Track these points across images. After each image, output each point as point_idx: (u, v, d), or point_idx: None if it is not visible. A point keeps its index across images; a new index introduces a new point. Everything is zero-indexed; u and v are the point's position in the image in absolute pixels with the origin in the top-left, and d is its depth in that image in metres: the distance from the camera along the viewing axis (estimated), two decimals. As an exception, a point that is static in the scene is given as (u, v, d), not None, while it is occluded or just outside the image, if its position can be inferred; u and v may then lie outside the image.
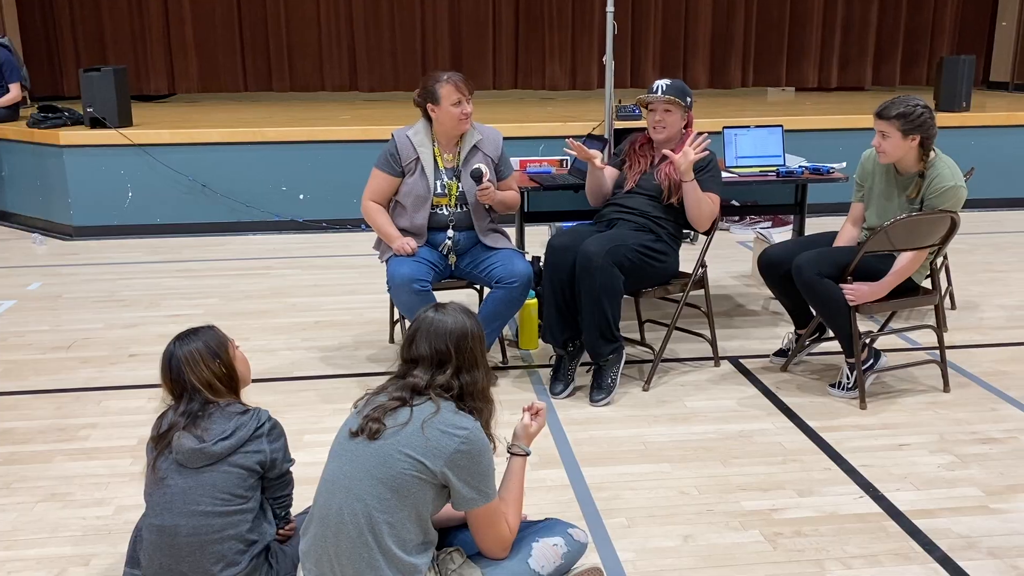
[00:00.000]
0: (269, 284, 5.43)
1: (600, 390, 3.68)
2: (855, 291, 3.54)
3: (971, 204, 7.20)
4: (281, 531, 2.41)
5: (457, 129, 3.74)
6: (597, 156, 3.86)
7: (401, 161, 3.79)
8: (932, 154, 3.64)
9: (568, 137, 4.08)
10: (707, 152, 3.80)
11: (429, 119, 3.78)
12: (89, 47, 9.14)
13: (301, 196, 6.80)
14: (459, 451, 2.07)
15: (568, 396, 3.75)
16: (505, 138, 6.72)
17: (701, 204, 3.77)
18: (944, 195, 3.57)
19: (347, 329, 4.59)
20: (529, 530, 2.33)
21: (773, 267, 3.83)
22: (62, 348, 4.38)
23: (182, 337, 2.37)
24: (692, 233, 4.42)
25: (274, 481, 2.38)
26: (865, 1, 9.89)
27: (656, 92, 3.84)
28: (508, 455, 2.37)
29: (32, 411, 3.65)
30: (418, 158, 3.77)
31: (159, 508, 2.25)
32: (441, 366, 2.16)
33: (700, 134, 3.78)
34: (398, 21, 9.46)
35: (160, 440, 2.32)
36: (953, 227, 3.60)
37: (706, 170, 3.85)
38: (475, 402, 2.15)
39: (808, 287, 3.59)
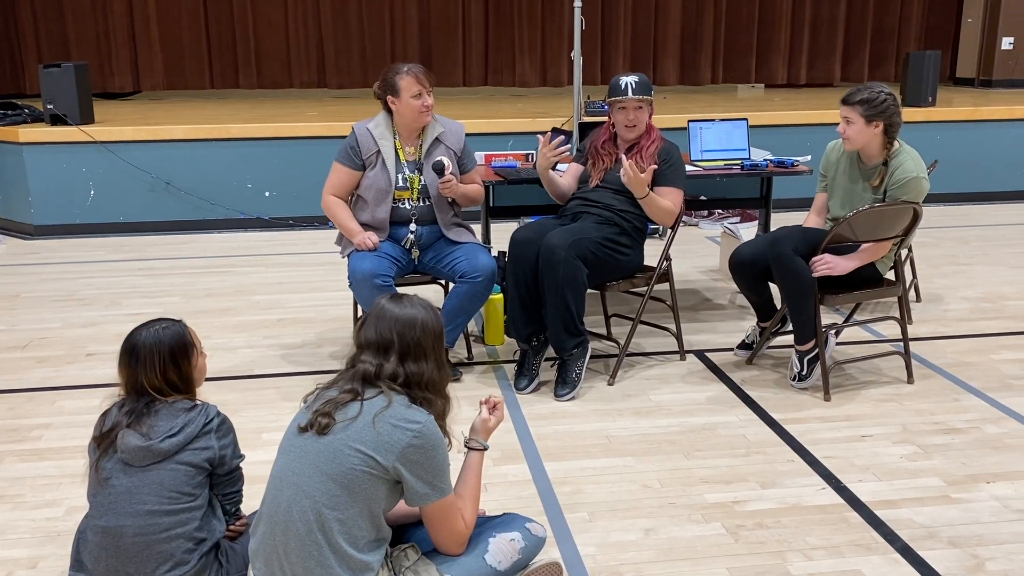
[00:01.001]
0: (232, 282, 5.35)
1: (564, 385, 3.65)
2: (824, 259, 3.52)
3: (937, 198, 7.31)
4: (231, 527, 2.36)
5: (418, 122, 3.70)
6: (556, 156, 3.79)
7: (362, 154, 3.74)
8: (896, 144, 3.64)
9: (538, 133, 4.03)
10: (664, 143, 3.80)
11: (390, 111, 3.73)
12: (52, 45, 9.01)
13: (267, 193, 6.72)
14: (411, 445, 2.03)
15: (533, 391, 3.72)
16: (475, 134, 6.80)
17: (660, 210, 3.76)
18: (907, 186, 3.57)
19: (310, 326, 4.53)
20: (486, 525, 2.29)
21: (745, 266, 3.80)
22: (18, 348, 4.28)
23: (151, 329, 2.28)
24: (660, 228, 4.42)
25: (223, 477, 2.32)
26: (833, -2, 9.97)
27: (626, 92, 3.77)
28: (466, 449, 2.33)
29: (-17, 412, 3.57)
30: (379, 151, 3.72)
31: (103, 509, 2.18)
32: (385, 352, 2.11)
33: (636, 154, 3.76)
34: (367, 19, 9.39)
35: (103, 439, 2.26)
36: (915, 219, 3.60)
37: (667, 164, 3.82)
38: (424, 393, 2.10)
39: (781, 261, 3.55)
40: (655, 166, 3.73)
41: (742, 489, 2.92)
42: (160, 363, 2.26)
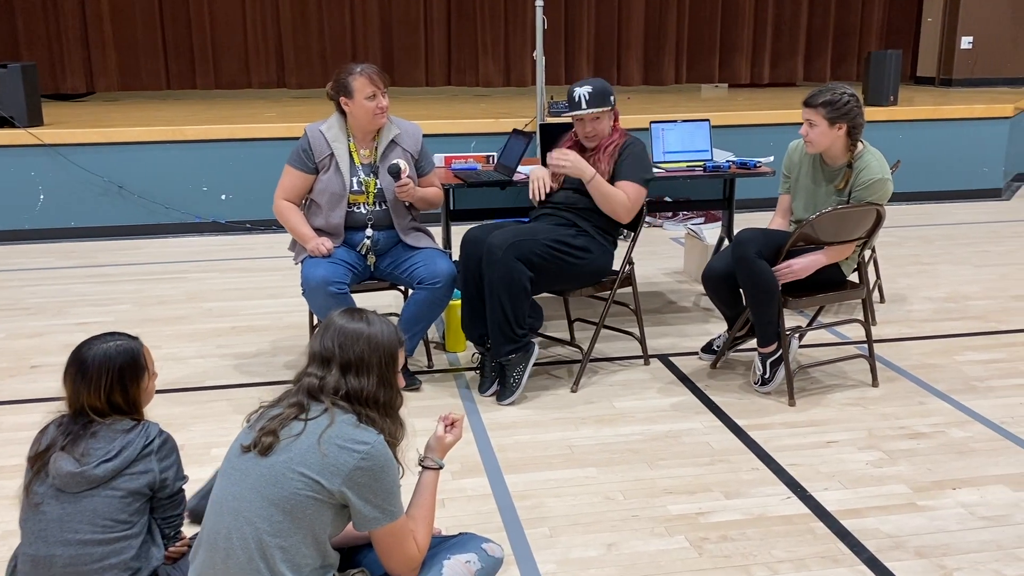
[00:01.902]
0: (185, 288, 5.20)
1: (504, 390, 3.56)
2: (787, 266, 3.47)
3: (899, 197, 7.32)
4: (171, 549, 2.23)
5: (372, 124, 3.59)
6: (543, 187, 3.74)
7: (314, 157, 3.62)
8: (860, 146, 3.59)
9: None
10: (628, 138, 3.72)
11: (344, 113, 3.62)
12: (1, 45, 8.74)
13: (223, 196, 6.56)
14: (359, 468, 1.93)
15: (495, 394, 3.62)
16: (437, 135, 6.71)
17: (607, 199, 3.63)
18: (871, 187, 3.53)
19: (265, 335, 4.40)
20: (440, 547, 2.20)
21: (719, 281, 3.72)
22: (-43, 360, 4.11)
23: (103, 345, 2.15)
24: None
25: (164, 501, 2.20)
26: (795, -2, 9.99)
27: (580, 105, 3.63)
28: (420, 468, 2.23)
29: (-83, 429, 3.40)
30: (332, 154, 3.61)
31: (33, 537, 2.06)
32: (327, 364, 2.02)
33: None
34: (327, 17, 9.24)
35: (36, 460, 2.13)
36: (879, 220, 3.56)
37: (624, 158, 3.71)
38: (368, 411, 2.00)
39: (744, 264, 3.49)
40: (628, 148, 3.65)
41: (706, 500, 2.85)
42: (107, 384, 2.13)
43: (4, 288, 5.25)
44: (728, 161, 4.48)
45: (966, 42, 9.63)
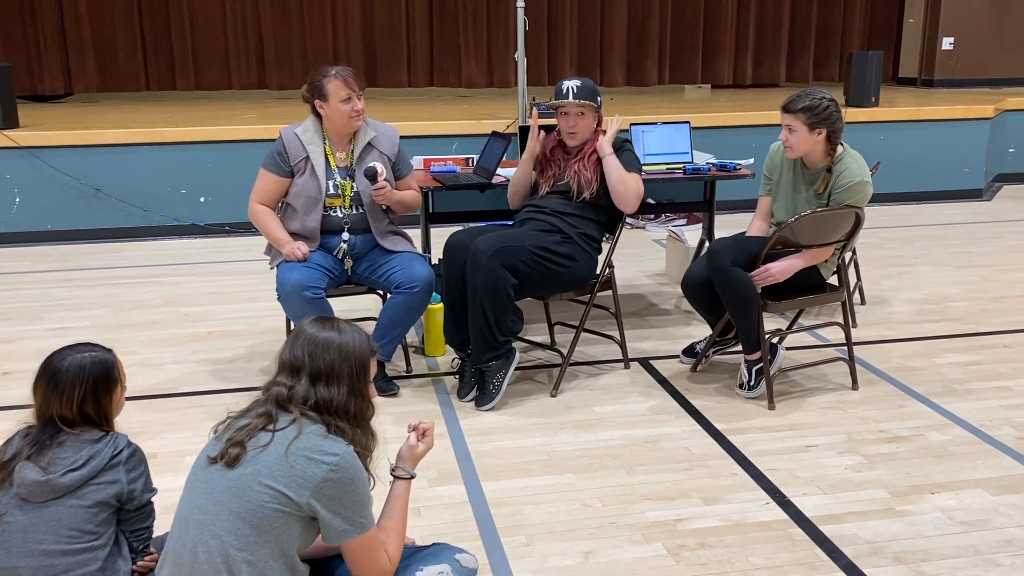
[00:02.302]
0: (163, 293, 5.14)
1: (483, 396, 3.53)
2: (765, 270, 3.45)
3: (881, 198, 7.34)
4: (139, 564, 2.19)
5: (348, 127, 3.55)
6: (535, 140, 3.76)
7: (289, 160, 3.58)
8: (840, 148, 3.58)
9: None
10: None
11: (319, 116, 3.58)
12: (-24, 45, 8.65)
13: (202, 199, 6.50)
14: (327, 479, 1.89)
15: (474, 400, 3.59)
16: (419, 137, 6.66)
17: (626, 180, 3.63)
18: (851, 190, 3.51)
19: (242, 339, 4.35)
20: (413, 558, 2.16)
21: (697, 288, 3.70)
22: (-72, 367, 4.04)
23: (76, 356, 2.12)
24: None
25: (132, 513, 2.16)
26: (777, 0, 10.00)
27: (567, 96, 3.66)
28: (392, 478, 2.20)
29: None
30: (308, 157, 3.57)
31: (-4, 549, 2.01)
32: (297, 373, 1.99)
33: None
34: (308, 18, 9.19)
35: (0, 470, 2.09)
36: (858, 223, 3.54)
37: (621, 150, 3.71)
38: (337, 421, 1.97)
39: (720, 274, 3.48)
40: (617, 127, 3.70)
41: (684, 506, 2.83)
42: (79, 395, 2.11)
43: (-22, 293, 5.18)
44: (708, 163, 4.46)
45: (947, 43, 9.66)
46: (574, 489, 2.94)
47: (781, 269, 3.46)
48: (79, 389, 2.11)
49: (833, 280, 3.79)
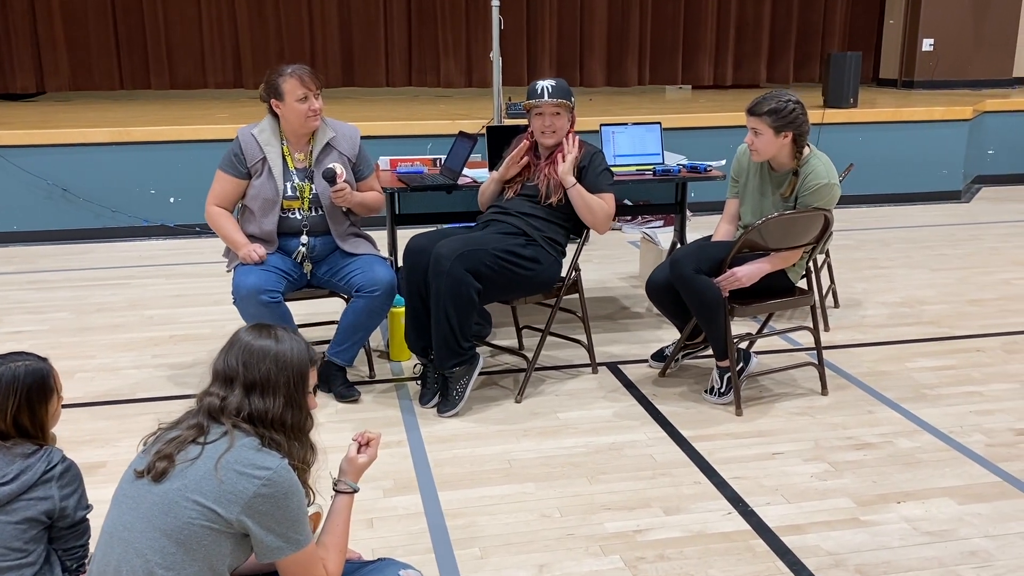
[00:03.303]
0: (127, 295, 5.05)
1: (445, 403, 3.46)
2: (731, 275, 3.39)
3: (858, 200, 7.31)
4: (72, 585, 2.11)
5: (305, 127, 3.47)
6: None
7: (246, 162, 3.50)
8: (806, 150, 3.52)
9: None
10: (581, 149, 3.64)
11: (276, 116, 3.50)
12: (-53, 42, 8.52)
13: (172, 199, 6.40)
14: (259, 495, 1.81)
15: (437, 406, 3.52)
16: (394, 136, 6.58)
17: (592, 208, 3.58)
18: (818, 192, 3.46)
19: (204, 344, 4.26)
20: (355, 575, 2.08)
21: (660, 292, 3.64)
22: None
23: (8, 365, 2.04)
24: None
25: (65, 531, 2.06)
26: (758, 0, 9.95)
27: (542, 96, 3.59)
28: (333, 492, 2.12)
29: None
30: (265, 158, 3.49)
31: (-86, 568, 1.93)
32: (230, 383, 1.90)
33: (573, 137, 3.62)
34: (284, 16, 9.09)
35: (-76, 485, 2.00)
36: (827, 226, 3.49)
37: (591, 168, 3.64)
38: (272, 433, 1.89)
39: (684, 282, 3.43)
40: (576, 154, 3.58)
41: (645, 516, 2.76)
42: (13, 406, 2.02)
43: (-63, 295, 5.08)
44: (679, 165, 4.40)
45: (927, 44, 9.65)
46: (533, 499, 2.87)
47: (748, 273, 3.40)
48: (12, 400, 2.03)
49: (803, 284, 3.74)
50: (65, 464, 2.08)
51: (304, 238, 3.55)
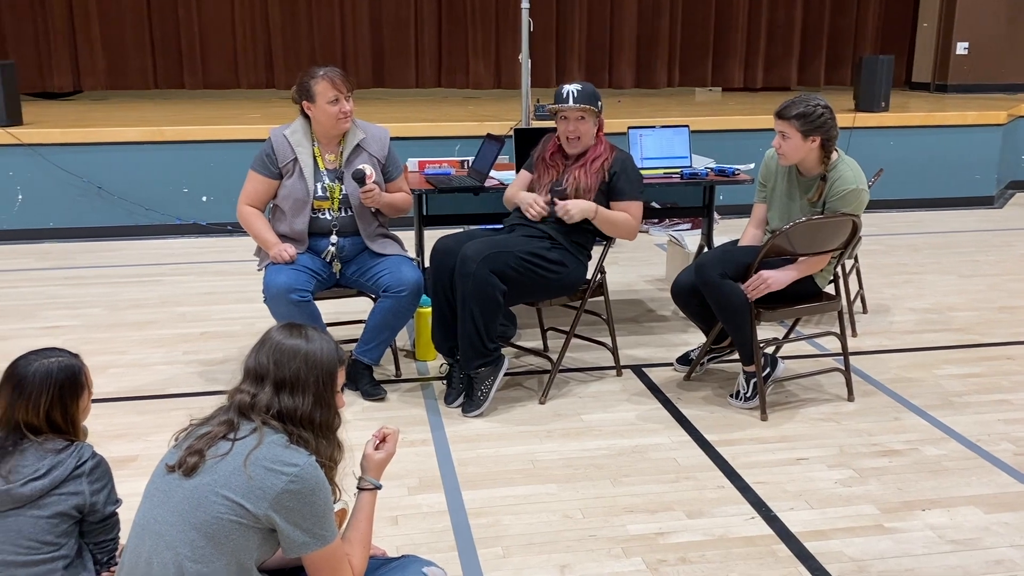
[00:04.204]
0: (160, 292, 5.13)
1: (470, 403, 3.49)
2: (759, 279, 3.37)
3: (888, 204, 7.25)
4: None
5: (336, 128, 3.51)
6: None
7: (278, 162, 3.55)
8: (835, 155, 3.51)
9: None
10: (615, 153, 3.65)
11: (308, 117, 3.54)
12: (-13, 42, 8.69)
13: (204, 198, 6.49)
14: (287, 491, 1.84)
15: (462, 406, 3.55)
16: (423, 138, 6.62)
17: (616, 226, 3.60)
18: (846, 198, 3.44)
19: (234, 341, 4.32)
20: (379, 571, 2.11)
21: (686, 295, 3.64)
22: (-82, 365, 4.03)
23: (43, 361, 2.09)
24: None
25: (95, 525, 2.12)
26: (789, 3, 9.89)
27: (567, 100, 3.58)
28: (356, 490, 2.15)
29: None
30: (296, 159, 3.54)
31: (-48, 558, 1.98)
32: (261, 381, 1.95)
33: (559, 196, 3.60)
34: (316, 17, 9.17)
35: (-41, 478, 2.05)
36: (855, 231, 3.47)
37: (618, 175, 3.63)
38: (301, 431, 1.92)
39: (710, 287, 3.43)
40: (575, 210, 3.53)
41: (667, 519, 2.77)
42: (46, 402, 2.07)
43: (-24, 290, 5.19)
44: (706, 168, 4.40)
45: (962, 47, 9.53)
46: (556, 500, 2.89)
47: (776, 279, 3.39)
48: (45, 396, 2.08)
49: (830, 289, 3.72)
50: (95, 460, 2.13)
51: (333, 238, 3.60)
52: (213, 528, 1.81)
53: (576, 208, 3.51)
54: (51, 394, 2.08)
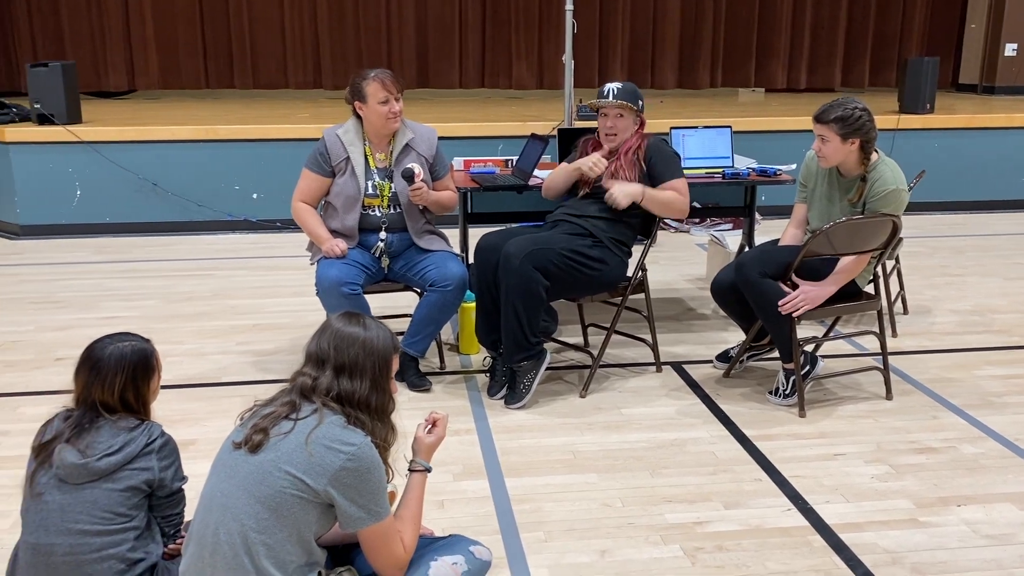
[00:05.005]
0: (212, 285, 5.30)
1: (513, 395, 3.59)
2: (801, 295, 3.43)
3: (933, 207, 7.22)
4: (170, 548, 2.29)
5: (386, 128, 3.64)
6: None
7: (331, 160, 3.68)
8: (874, 156, 3.56)
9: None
10: (649, 139, 3.73)
11: (360, 117, 3.67)
12: (47, 42, 8.98)
13: (255, 195, 6.68)
14: (344, 468, 1.96)
15: (504, 398, 3.65)
16: (466, 138, 6.74)
17: (666, 206, 3.69)
18: (886, 198, 3.49)
19: (285, 332, 4.48)
20: (428, 548, 2.23)
21: (725, 293, 3.71)
22: (-13, 351, 4.24)
23: (117, 345, 2.23)
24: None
25: (163, 500, 2.25)
26: (834, 3, 9.86)
27: (607, 96, 3.71)
28: (408, 472, 2.27)
29: (-56, 418, 3.53)
30: (348, 157, 3.67)
31: (34, 526, 2.13)
32: (322, 365, 2.07)
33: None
34: (363, 19, 9.34)
35: (41, 451, 2.20)
36: (895, 231, 3.52)
37: (654, 159, 3.72)
38: (358, 413, 2.04)
39: (749, 286, 3.50)
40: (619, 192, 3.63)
41: (705, 509, 2.85)
42: (120, 382, 2.21)
43: (37, 282, 5.40)
44: (748, 168, 4.45)
45: (1010, 49, 9.43)
46: (596, 489, 2.98)
47: (814, 296, 3.42)
48: (120, 376, 2.22)
49: (869, 289, 3.76)
50: (164, 438, 2.27)
51: (383, 234, 3.72)
52: (276, 501, 1.94)
53: (620, 192, 3.60)
54: (125, 375, 2.22)
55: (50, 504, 2.12)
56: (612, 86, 3.73)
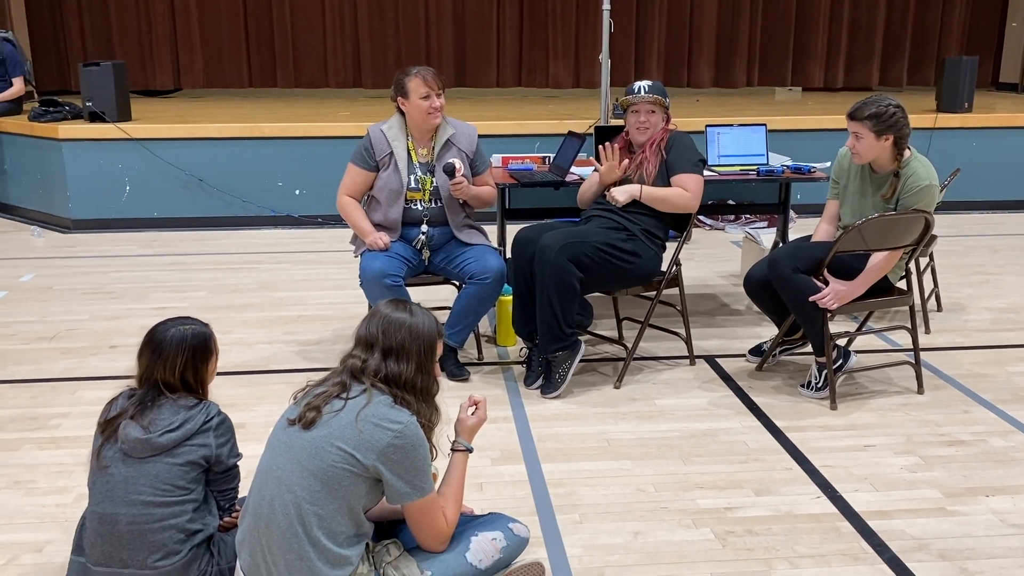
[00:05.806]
0: (258, 278, 5.47)
1: (548, 385, 3.69)
2: (831, 292, 3.50)
3: (969, 206, 7.20)
4: (225, 521, 2.42)
5: (427, 123, 3.76)
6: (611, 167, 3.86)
7: (375, 155, 3.81)
8: (907, 153, 3.61)
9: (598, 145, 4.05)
10: (669, 133, 3.84)
11: (403, 114, 3.80)
12: (96, 41, 9.24)
13: (297, 191, 6.84)
14: (392, 445, 2.08)
15: (540, 387, 3.75)
16: (504, 135, 6.85)
17: (665, 202, 3.77)
18: (919, 194, 3.54)
19: (328, 323, 4.62)
20: (469, 524, 2.34)
21: (758, 288, 3.79)
22: (45, 339, 4.43)
23: (179, 328, 2.37)
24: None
25: (219, 475, 2.39)
26: (872, 1, 9.83)
27: (639, 93, 3.83)
28: (450, 451, 2.38)
29: (6, 400, 3.70)
30: (392, 152, 3.79)
31: (101, 496, 2.27)
32: (371, 348, 2.19)
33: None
34: (402, 19, 9.49)
35: (107, 426, 2.34)
36: (927, 227, 3.56)
37: (673, 151, 3.82)
38: (404, 394, 2.16)
39: (782, 282, 3.57)
40: (618, 161, 3.79)
41: (736, 496, 2.93)
42: (181, 363, 2.35)
43: (91, 273, 5.60)
44: (783, 165, 4.51)
45: (1052, 47, 9.34)
46: (629, 474, 3.07)
47: (843, 294, 3.49)
48: (181, 358, 2.36)
49: (901, 284, 3.81)
50: (220, 417, 2.40)
51: (424, 227, 3.84)
52: (328, 475, 2.06)
53: (618, 190, 3.75)
54: (185, 357, 2.36)
55: (115, 476, 2.26)
56: (642, 84, 3.87)
